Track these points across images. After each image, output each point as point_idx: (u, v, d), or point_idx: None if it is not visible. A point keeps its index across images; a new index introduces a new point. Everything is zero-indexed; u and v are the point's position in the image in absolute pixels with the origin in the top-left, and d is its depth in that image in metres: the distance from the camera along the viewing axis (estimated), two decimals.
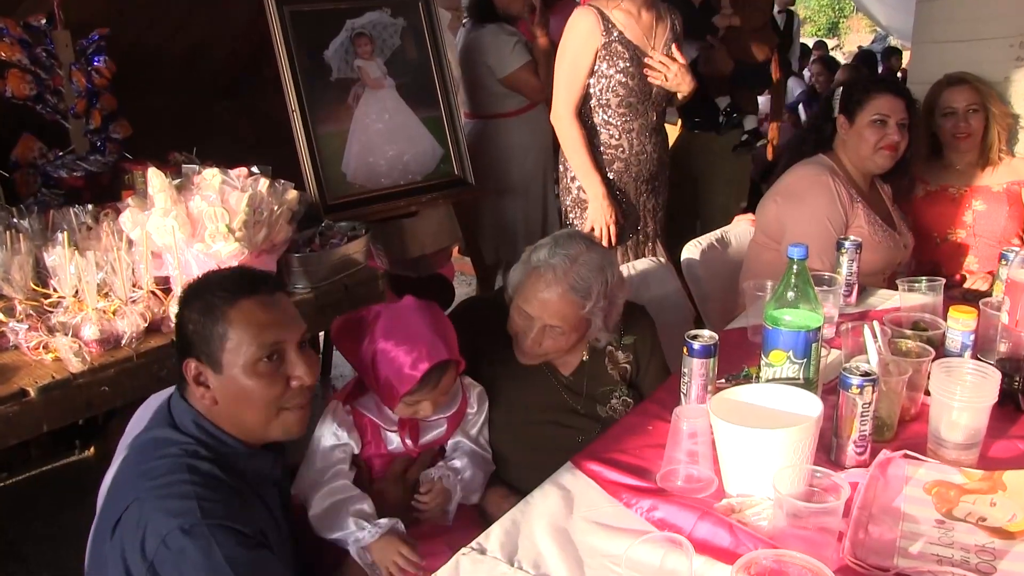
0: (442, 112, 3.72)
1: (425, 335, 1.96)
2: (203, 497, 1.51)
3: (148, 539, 1.48)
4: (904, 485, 1.70)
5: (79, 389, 2.28)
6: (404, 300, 2.05)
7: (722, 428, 1.64)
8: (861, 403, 1.72)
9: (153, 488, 1.54)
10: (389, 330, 1.97)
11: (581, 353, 2.34)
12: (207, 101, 4.05)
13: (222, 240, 2.46)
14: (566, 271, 2.13)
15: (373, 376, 1.97)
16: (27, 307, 2.40)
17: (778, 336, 1.88)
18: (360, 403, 2.07)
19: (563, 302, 2.13)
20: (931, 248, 3.45)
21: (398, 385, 1.93)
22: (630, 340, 2.38)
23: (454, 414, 2.15)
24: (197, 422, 1.66)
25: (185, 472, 1.55)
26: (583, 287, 2.14)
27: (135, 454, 1.68)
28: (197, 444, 1.63)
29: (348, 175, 3.44)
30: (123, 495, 1.57)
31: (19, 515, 3.44)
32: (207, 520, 1.48)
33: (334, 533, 1.92)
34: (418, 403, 2.00)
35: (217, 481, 1.58)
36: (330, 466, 2.00)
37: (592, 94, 3.33)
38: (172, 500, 1.51)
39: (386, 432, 2.06)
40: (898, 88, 3.04)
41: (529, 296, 2.16)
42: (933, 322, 2.26)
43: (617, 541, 1.57)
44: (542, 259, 2.16)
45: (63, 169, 3.22)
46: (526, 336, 2.18)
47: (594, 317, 2.19)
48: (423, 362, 1.93)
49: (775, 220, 3.00)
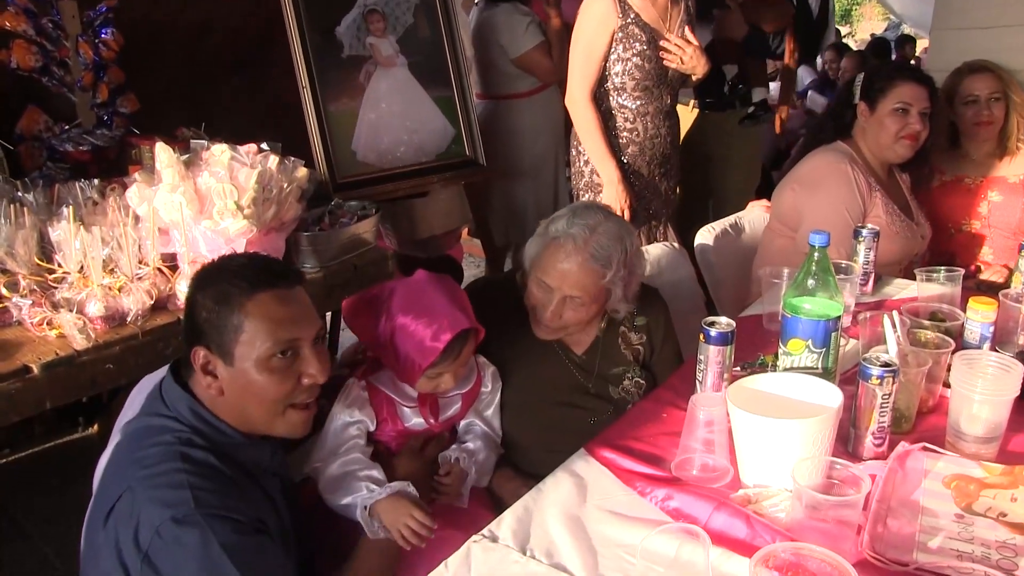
0: (454, 92, 3.67)
1: (444, 306, 1.94)
2: (196, 486, 1.48)
3: (142, 530, 1.46)
4: (923, 478, 1.67)
5: (83, 366, 2.25)
6: (417, 274, 2.02)
7: (740, 417, 1.60)
8: (881, 394, 1.68)
9: (146, 477, 1.51)
10: (406, 305, 1.94)
11: (595, 331, 2.31)
12: (215, 77, 4.00)
13: (230, 217, 2.43)
14: (586, 240, 2.11)
15: (392, 352, 1.95)
16: (31, 282, 2.37)
17: (797, 324, 1.85)
18: (375, 379, 2.03)
19: (583, 272, 2.11)
20: (945, 239, 3.41)
21: (420, 359, 1.91)
22: (643, 321, 2.36)
23: (469, 391, 2.13)
24: (193, 409, 1.62)
25: (178, 460, 1.52)
26: (603, 256, 2.11)
27: (128, 440, 1.65)
28: (191, 432, 1.59)
29: (358, 154, 3.40)
30: (116, 483, 1.54)
31: (23, 492, 3.42)
32: (201, 509, 1.45)
33: (344, 498, 1.90)
34: (440, 376, 1.98)
35: (212, 469, 1.54)
36: (344, 442, 1.98)
37: (607, 77, 3.29)
38: (165, 490, 1.48)
39: (403, 408, 2.03)
40: (921, 76, 2.98)
41: (548, 267, 2.13)
42: (951, 313, 2.22)
43: (631, 531, 1.54)
44: (560, 230, 2.14)
45: (69, 143, 3.18)
46: (545, 308, 2.15)
47: (614, 287, 2.17)
48: (445, 333, 1.90)
49: (792, 208, 2.96)
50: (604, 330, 2.32)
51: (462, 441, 2.12)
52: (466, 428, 2.17)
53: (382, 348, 1.97)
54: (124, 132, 3.31)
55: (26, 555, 3.08)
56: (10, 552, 3.09)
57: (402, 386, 2.03)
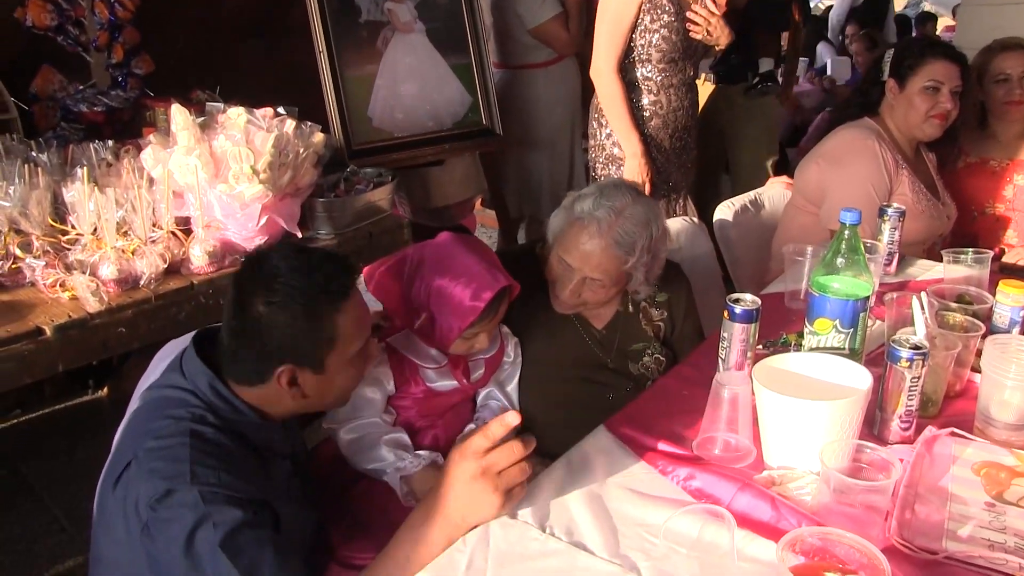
0: (472, 59, 3.63)
1: (479, 266, 1.90)
2: (197, 461, 1.47)
3: (141, 501, 1.45)
4: (951, 464, 1.63)
5: (96, 329, 2.24)
6: (441, 236, 1.98)
7: (767, 397, 1.57)
8: (910, 377, 1.64)
9: (152, 449, 1.49)
10: (440, 267, 1.91)
11: (615, 306, 2.27)
12: (231, 40, 3.97)
13: (246, 181, 2.40)
14: (610, 225, 2.06)
15: (427, 317, 1.91)
16: (44, 243, 2.35)
17: (825, 304, 1.81)
18: (394, 340, 2.00)
19: (605, 256, 2.07)
20: (968, 220, 3.34)
21: (460, 320, 1.88)
22: (664, 297, 2.32)
23: (493, 357, 2.11)
24: (212, 385, 1.59)
25: (187, 436, 1.50)
26: (627, 242, 2.07)
27: (143, 409, 1.63)
28: (206, 408, 1.57)
29: (374, 120, 3.37)
30: (127, 451, 1.53)
31: (33, 453, 3.43)
32: (197, 485, 1.44)
33: (370, 464, 1.91)
34: (475, 336, 1.95)
35: (219, 448, 1.52)
36: (363, 403, 1.95)
37: (633, 48, 3.24)
38: (165, 463, 1.47)
39: (425, 371, 2.00)
40: (954, 53, 2.91)
41: (570, 247, 2.09)
42: (979, 296, 2.17)
43: (653, 510, 1.51)
44: (586, 210, 2.09)
45: (83, 103, 3.16)
46: (565, 286, 2.12)
47: (635, 271, 2.13)
48: (485, 291, 1.87)
49: (816, 184, 2.91)
50: (625, 305, 2.29)
51: (478, 420, 2.09)
52: (483, 401, 2.15)
53: (413, 313, 1.94)
54: (138, 94, 3.30)
55: (36, 516, 3.08)
56: (20, 512, 3.09)
57: (422, 348, 1.99)
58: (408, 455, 1.90)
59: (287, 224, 2.56)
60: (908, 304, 1.97)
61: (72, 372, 3.05)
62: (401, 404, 2.02)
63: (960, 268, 2.33)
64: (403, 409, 2.03)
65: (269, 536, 1.49)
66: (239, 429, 1.59)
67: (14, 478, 3.28)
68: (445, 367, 2.01)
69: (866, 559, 1.25)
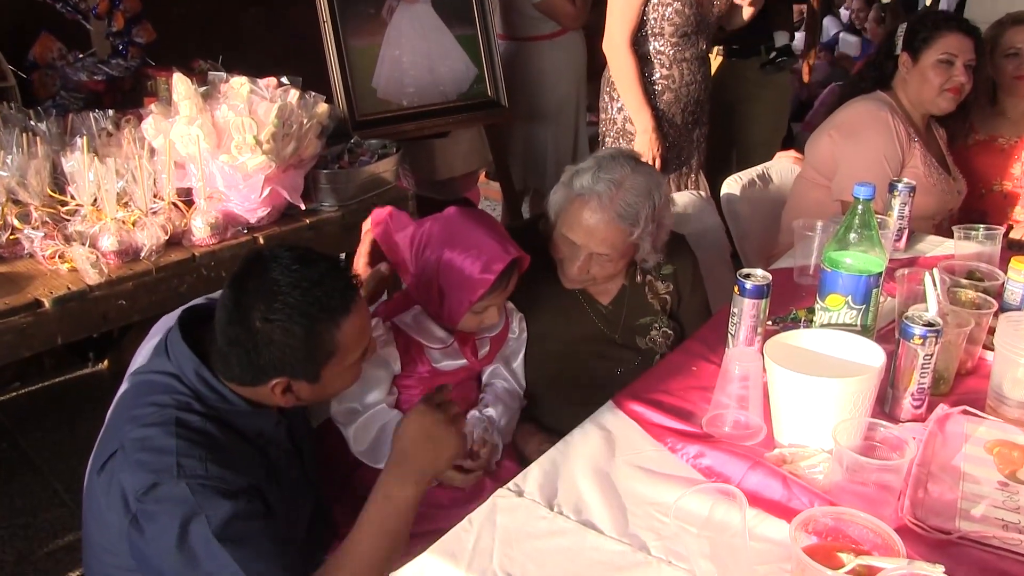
0: (478, 31, 3.58)
1: (488, 238, 1.87)
2: (183, 452, 1.44)
3: (128, 493, 1.43)
4: (963, 443, 1.61)
5: (95, 302, 2.22)
6: (448, 210, 1.95)
7: (779, 374, 1.54)
8: (923, 354, 1.62)
9: (137, 439, 1.46)
10: (449, 241, 1.87)
11: (621, 280, 2.24)
12: (233, 9, 3.92)
13: (249, 152, 2.37)
14: (612, 198, 2.01)
15: (436, 291, 1.88)
16: (43, 214, 2.32)
17: (837, 279, 1.78)
18: (399, 320, 1.98)
19: (609, 230, 2.03)
20: (976, 197, 3.31)
21: (470, 293, 1.84)
22: (670, 270, 2.28)
23: (498, 335, 2.08)
24: (198, 372, 1.55)
25: (172, 425, 1.47)
26: (630, 214, 2.02)
27: (131, 394, 1.60)
28: (192, 396, 1.53)
29: (379, 91, 3.33)
30: (113, 438, 1.51)
31: (33, 426, 3.41)
32: (184, 477, 1.42)
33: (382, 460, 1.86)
34: (485, 310, 1.92)
35: (206, 437, 1.49)
36: (369, 385, 1.93)
37: (646, 22, 3.20)
38: (151, 454, 1.44)
39: (431, 351, 1.97)
40: (968, 27, 2.87)
41: (573, 224, 2.05)
42: (989, 272, 2.14)
43: (662, 488, 1.49)
44: (586, 185, 2.04)
45: (83, 72, 3.12)
46: (572, 264, 2.09)
47: (642, 242, 2.09)
48: (496, 263, 1.84)
49: (829, 155, 2.87)
50: (631, 279, 2.26)
51: (483, 407, 2.06)
52: (489, 379, 2.13)
53: (422, 288, 1.91)
54: (139, 63, 3.26)
55: (36, 488, 3.07)
56: (20, 485, 3.08)
57: (429, 328, 1.96)
58: None
59: (290, 196, 2.52)
60: (919, 280, 1.94)
61: (72, 345, 3.03)
62: (405, 384, 2.00)
63: (971, 244, 2.30)
64: (407, 388, 2.00)
65: (261, 525, 1.47)
66: (226, 417, 1.55)
67: (14, 451, 3.26)
68: (451, 347, 1.99)
69: (880, 539, 1.23)
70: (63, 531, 2.85)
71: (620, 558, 1.35)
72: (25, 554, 2.77)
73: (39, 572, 2.71)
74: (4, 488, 3.06)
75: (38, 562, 2.74)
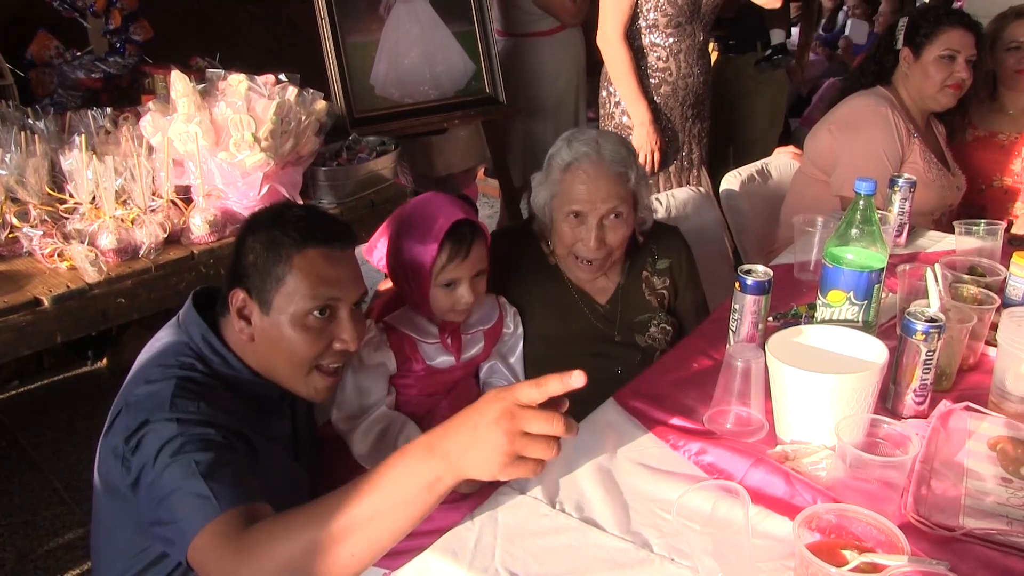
0: (475, 27, 3.58)
1: (440, 204, 1.89)
2: (178, 395, 1.45)
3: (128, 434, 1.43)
4: (967, 439, 1.60)
5: (94, 300, 2.21)
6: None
7: (781, 371, 1.53)
8: (925, 350, 1.61)
9: (139, 395, 1.48)
10: (405, 222, 1.90)
11: (617, 278, 2.24)
12: (230, 6, 3.91)
13: (247, 149, 2.36)
14: (598, 151, 2.07)
15: (402, 272, 1.89)
16: (42, 212, 2.31)
17: (839, 275, 1.77)
18: (392, 318, 1.97)
19: (610, 180, 2.06)
20: (975, 193, 3.30)
21: (425, 257, 1.84)
22: (665, 264, 2.29)
23: (491, 328, 2.07)
24: (204, 336, 1.59)
25: (173, 380, 1.49)
26: (619, 158, 2.08)
27: (140, 362, 1.62)
28: (196, 358, 1.56)
29: (377, 88, 3.32)
30: (120, 399, 1.53)
31: (33, 423, 3.41)
32: (175, 412, 1.42)
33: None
34: (455, 285, 1.89)
35: (204, 387, 1.51)
36: (367, 389, 1.92)
37: (639, 14, 3.19)
38: (150, 400, 1.45)
39: (424, 345, 1.96)
40: (969, 21, 2.86)
41: (574, 194, 2.07)
42: (991, 268, 2.13)
43: (664, 485, 1.49)
44: (568, 157, 2.09)
45: (80, 70, 3.11)
46: (587, 241, 2.09)
47: (639, 190, 2.13)
48: (443, 221, 1.84)
49: (828, 151, 2.87)
50: (626, 276, 2.25)
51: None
52: (487, 377, 2.12)
53: (394, 275, 1.93)
54: (136, 60, 3.25)
55: (36, 486, 3.07)
56: (20, 483, 3.08)
57: (421, 322, 1.96)
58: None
59: (289, 193, 2.52)
60: (920, 276, 1.94)
61: (71, 343, 3.03)
62: (403, 383, 1.99)
63: (972, 240, 2.30)
64: (405, 388, 2.00)
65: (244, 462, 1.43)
66: (229, 382, 1.58)
67: (13, 449, 3.26)
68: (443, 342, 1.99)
69: (884, 536, 1.23)
70: (63, 529, 2.85)
71: (622, 555, 1.34)
72: (25, 552, 2.77)
73: (40, 570, 2.70)
74: (4, 486, 3.06)
75: (39, 560, 2.74)
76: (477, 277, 1.93)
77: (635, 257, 2.26)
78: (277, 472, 1.63)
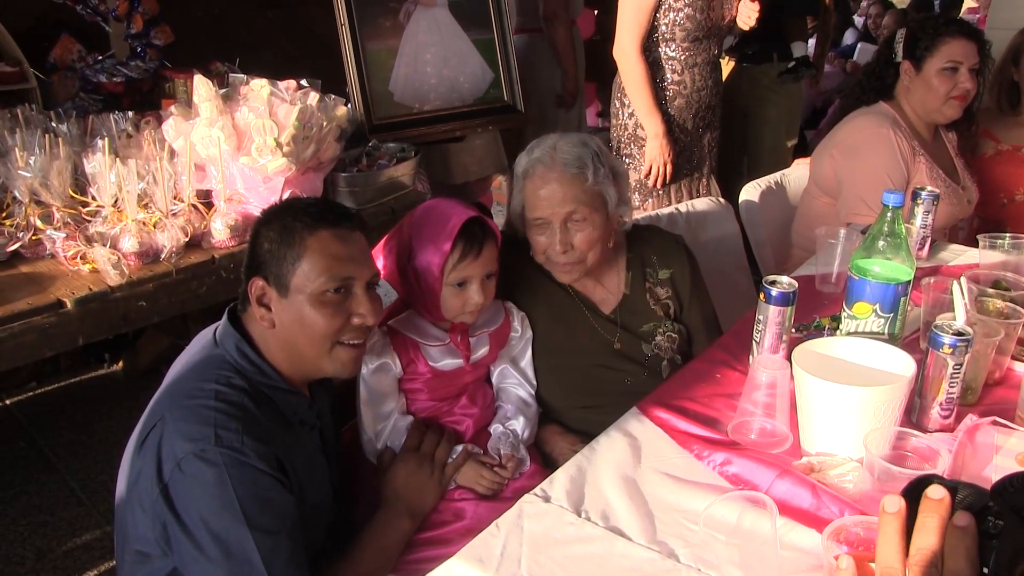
0: (494, 34, 3.58)
1: (451, 206, 1.91)
2: (221, 425, 1.48)
3: (164, 461, 1.47)
4: (994, 454, 1.59)
5: (116, 303, 2.22)
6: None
7: (808, 382, 1.53)
8: (952, 364, 1.60)
9: (178, 409, 1.52)
10: (417, 224, 1.91)
11: (620, 289, 2.22)
12: (250, 12, 3.93)
13: (269, 154, 2.37)
14: (551, 157, 2.05)
15: (412, 273, 1.90)
16: (65, 215, 2.32)
17: (865, 287, 1.76)
18: (396, 322, 1.97)
19: (564, 183, 2.03)
20: (996, 207, 3.28)
21: (437, 256, 1.85)
22: (667, 274, 2.26)
23: (497, 330, 2.06)
24: (239, 347, 1.63)
25: (211, 399, 1.52)
26: (573, 159, 2.04)
27: (174, 374, 1.65)
28: (233, 371, 1.60)
29: (396, 95, 3.32)
30: (155, 412, 1.55)
31: (49, 425, 3.42)
32: (221, 448, 1.46)
33: None
34: (465, 285, 1.89)
35: (243, 411, 1.53)
36: (379, 395, 1.93)
37: (656, 27, 3.20)
38: (190, 424, 1.49)
39: (427, 348, 1.96)
40: (970, 30, 2.79)
41: (533, 203, 2.06)
42: (1016, 282, 2.12)
43: (689, 496, 1.48)
44: (526, 166, 2.09)
45: (103, 74, 3.12)
46: (554, 247, 2.06)
47: (603, 188, 2.07)
48: (455, 220, 1.85)
49: (831, 175, 2.82)
50: (630, 286, 2.24)
51: (505, 417, 2.06)
52: (499, 381, 2.13)
53: (404, 278, 1.93)
54: (158, 65, 3.26)
55: (53, 487, 3.07)
56: (37, 484, 3.08)
57: (425, 326, 1.97)
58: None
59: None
60: (945, 289, 1.93)
61: (87, 345, 3.04)
62: (411, 387, 1.99)
63: (996, 254, 2.28)
64: (414, 392, 1.99)
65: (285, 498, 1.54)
66: (263, 394, 1.61)
67: (31, 450, 3.27)
68: (447, 344, 1.98)
69: None
70: (80, 530, 2.86)
71: (649, 565, 1.34)
72: (44, 552, 2.78)
73: (59, 569, 2.71)
74: (23, 486, 3.07)
75: (57, 560, 2.74)
76: (488, 279, 1.93)
77: (635, 265, 2.25)
78: (315, 480, 1.68)
